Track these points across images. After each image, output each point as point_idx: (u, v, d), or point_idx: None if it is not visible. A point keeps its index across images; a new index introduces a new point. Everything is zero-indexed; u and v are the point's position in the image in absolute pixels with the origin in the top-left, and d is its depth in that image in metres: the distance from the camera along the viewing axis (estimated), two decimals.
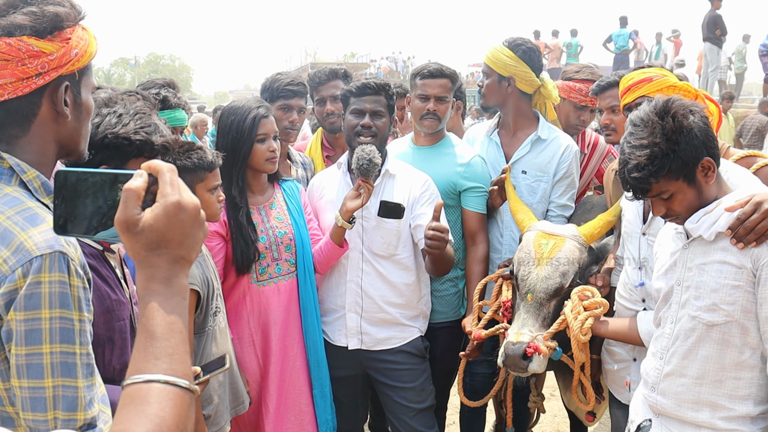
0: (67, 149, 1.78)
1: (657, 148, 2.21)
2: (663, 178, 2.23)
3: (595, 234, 3.20)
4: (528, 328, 2.95)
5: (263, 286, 3.25)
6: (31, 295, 1.49)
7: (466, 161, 3.63)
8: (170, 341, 1.11)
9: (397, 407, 3.45)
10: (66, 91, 1.69)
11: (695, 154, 2.22)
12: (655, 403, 2.46)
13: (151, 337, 1.10)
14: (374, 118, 3.33)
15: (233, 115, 3.21)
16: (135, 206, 1.13)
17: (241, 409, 3.03)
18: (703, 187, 2.28)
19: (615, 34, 19.95)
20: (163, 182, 1.16)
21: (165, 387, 1.07)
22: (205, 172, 2.80)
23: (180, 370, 1.09)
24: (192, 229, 1.18)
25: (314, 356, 3.39)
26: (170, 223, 1.14)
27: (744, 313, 2.21)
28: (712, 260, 2.27)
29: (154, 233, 1.13)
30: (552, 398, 5.19)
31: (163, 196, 1.15)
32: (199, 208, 1.19)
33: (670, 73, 3.01)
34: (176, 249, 1.16)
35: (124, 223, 1.12)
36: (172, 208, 1.14)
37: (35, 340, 1.50)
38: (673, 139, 2.21)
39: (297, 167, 3.94)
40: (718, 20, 16.45)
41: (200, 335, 2.81)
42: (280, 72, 3.96)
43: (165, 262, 1.15)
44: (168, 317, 1.12)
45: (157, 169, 1.17)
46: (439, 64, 3.70)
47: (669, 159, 2.21)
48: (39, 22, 1.61)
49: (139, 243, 1.13)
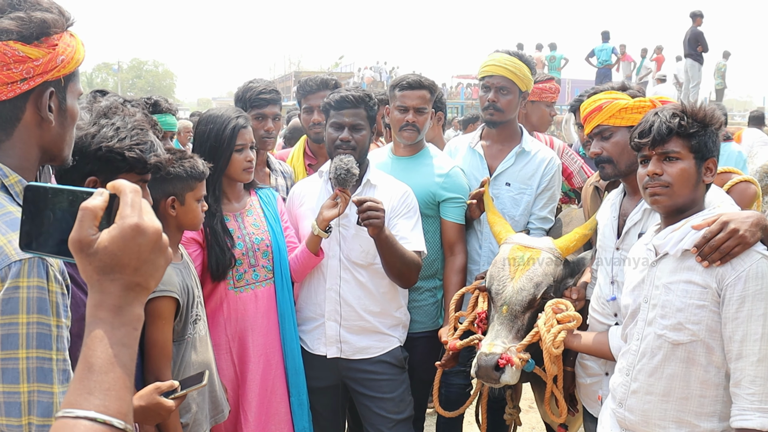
0: (51, 155, 1.77)
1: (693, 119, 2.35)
2: (684, 138, 2.35)
3: (570, 247, 3.23)
4: (501, 339, 2.96)
5: (240, 293, 3.24)
6: (9, 300, 1.49)
7: (445, 172, 3.64)
8: (108, 375, 1.03)
9: (376, 418, 3.44)
10: (51, 96, 1.69)
11: (711, 148, 2.37)
12: (623, 419, 2.48)
13: (89, 369, 1.03)
14: (353, 131, 3.33)
15: (212, 123, 3.21)
16: (90, 226, 1.07)
17: (221, 417, 3.01)
18: (700, 180, 2.37)
19: (597, 49, 20.13)
20: (124, 203, 1.10)
21: (93, 425, 1.00)
22: (195, 182, 2.81)
23: (114, 408, 1.02)
24: (151, 255, 1.11)
25: (292, 363, 3.38)
26: (126, 246, 1.08)
27: (709, 333, 2.24)
28: (678, 279, 2.31)
29: (108, 256, 1.07)
30: (530, 410, 5.21)
31: (122, 218, 1.09)
32: (160, 233, 1.12)
33: (621, 94, 3.00)
34: (131, 275, 1.09)
35: (77, 243, 1.07)
36: (130, 230, 1.08)
37: (12, 344, 1.49)
38: (704, 124, 2.36)
39: (277, 176, 3.94)
40: (699, 37, 16.66)
41: (179, 343, 2.79)
42: (252, 80, 3.91)
43: (118, 289, 1.08)
44: (110, 349, 1.05)
45: (120, 189, 1.12)
46: (418, 76, 3.71)
47: (696, 130, 2.34)
48: (26, 28, 1.61)
49: (92, 266, 1.07)
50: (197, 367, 2.80)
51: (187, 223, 2.84)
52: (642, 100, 2.91)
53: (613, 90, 3.07)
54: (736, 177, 3.29)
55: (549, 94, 4.57)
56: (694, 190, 2.38)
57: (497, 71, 3.71)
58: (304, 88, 4.26)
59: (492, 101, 3.73)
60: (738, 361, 2.19)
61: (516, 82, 3.71)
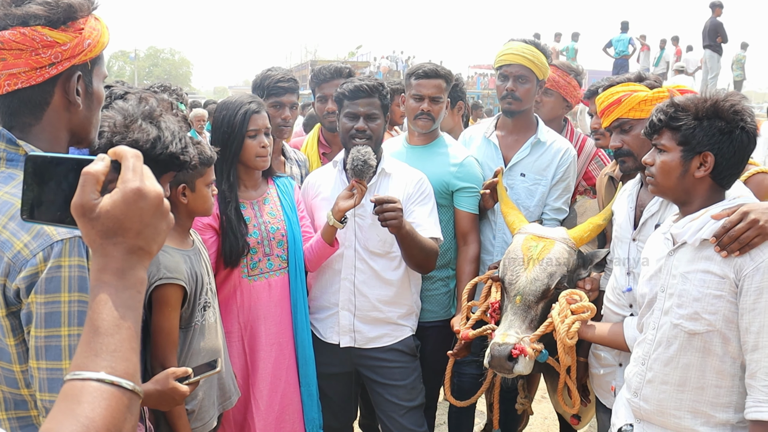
0: (78, 137, 1.81)
1: (687, 111, 2.34)
2: (673, 131, 2.36)
3: (584, 237, 3.21)
4: (515, 329, 2.95)
5: (254, 281, 3.25)
6: (52, 279, 1.53)
7: (459, 161, 3.64)
8: (114, 337, 1.04)
9: (388, 405, 3.46)
10: (78, 80, 1.72)
11: (704, 141, 2.31)
12: (638, 408, 2.47)
13: (95, 331, 1.04)
14: (368, 120, 3.33)
15: (225, 110, 3.22)
16: (93, 191, 1.07)
17: (229, 404, 3.02)
18: (689, 174, 2.35)
19: (615, 39, 19.98)
20: (126, 168, 1.11)
21: (100, 386, 1.00)
22: (204, 167, 2.81)
23: (121, 369, 1.03)
24: (152, 219, 1.11)
25: (302, 354, 3.39)
26: (129, 210, 1.08)
27: (726, 323, 2.23)
28: (696, 269, 2.29)
29: (111, 220, 1.07)
30: (543, 401, 5.21)
31: (123, 182, 1.09)
32: (161, 198, 1.13)
33: (638, 86, 2.97)
34: (133, 239, 1.09)
35: (80, 208, 1.07)
36: (132, 194, 1.08)
37: (54, 322, 1.54)
38: (701, 116, 2.32)
39: (291, 164, 3.94)
40: (719, 28, 16.51)
41: (186, 330, 2.80)
42: (271, 68, 3.91)
43: (120, 252, 1.09)
44: (115, 312, 1.06)
45: (122, 154, 1.12)
46: (434, 65, 3.70)
47: (684, 122, 2.33)
48: (53, 13, 1.63)
49: (95, 230, 1.08)
50: (205, 354, 2.82)
51: (199, 209, 2.85)
52: (660, 91, 2.88)
53: (630, 81, 3.04)
54: (752, 168, 3.24)
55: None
56: (679, 182, 2.38)
57: (515, 60, 3.69)
58: (317, 77, 4.25)
59: (510, 90, 3.71)
60: (754, 352, 2.17)
61: (534, 70, 3.69)
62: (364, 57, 44.12)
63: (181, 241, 2.83)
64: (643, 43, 21.34)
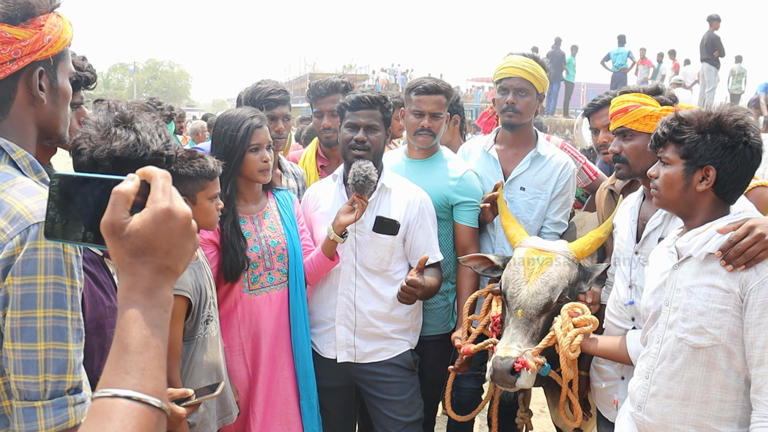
0: (47, 132, 1.83)
1: (690, 125, 2.35)
2: (677, 144, 2.37)
3: (585, 250, 3.21)
4: (517, 343, 2.94)
5: (255, 295, 3.24)
6: (28, 261, 1.55)
7: (459, 175, 3.63)
8: (143, 355, 1.05)
9: (386, 420, 3.44)
10: (41, 76, 1.75)
11: (707, 155, 2.30)
12: (642, 422, 2.46)
13: (124, 349, 1.05)
14: (368, 132, 3.33)
15: (227, 124, 3.21)
16: (123, 210, 1.09)
17: (229, 419, 3.01)
18: (692, 188, 2.35)
19: (613, 53, 20.03)
20: (155, 188, 1.12)
21: (131, 404, 1.01)
22: (206, 181, 2.81)
23: (150, 387, 1.04)
24: (181, 239, 1.12)
25: (302, 367, 3.38)
26: (158, 230, 1.09)
27: (731, 338, 2.22)
28: (701, 283, 2.28)
29: (140, 239, 1.08)
30: (542, 414, 5.18)
31: (153, 202, 1.10)
32: (190, 218, 1.14)
33: (650, 99, 2.97)
34: (162, 258, 1.10)
35: (110, 227, 1.08)
36: (162, 214, 1.09)
37: (30, 304, 1.55)
38: (704, 131, 2.32)
39: (288, 177, 3.92)
40: (716, 41, 16.54)
41: (189, 342, 2.80)
42: (261, 81, 3.88)
43: (149, 271, 1.10)
44: (144, 330, 1.07)
45: (151, 174, 1.13)
46: (434, 80, 3.69)
47: (686, 136, 2.34)
48: (11, 10, 1.66)
49: (124, 248, 1.09)
50: (207, 368, 2.81)
51: (201, 223, 2.84)
52: (669, 109, 2.87)
53: (645, 93, 3.04)
54: (753, 181, 3.24)
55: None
56: (681, 195, 2.38)
57: (515, 73, 3.69)
58: (314, 92, 4.24)
59: (511, 103, 3.69)
60: (759, 367, 2.16)
61: (534, 83, 3.68)
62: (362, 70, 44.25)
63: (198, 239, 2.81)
64: (644, 56, 21.39)
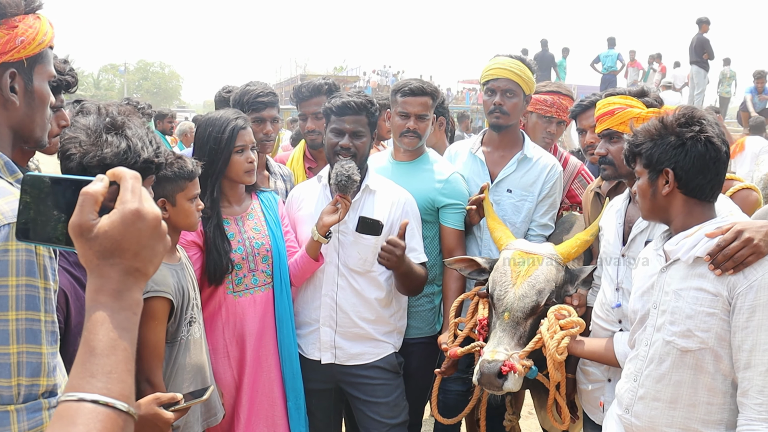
0: (22, 136, 1.80)
1: (645, 136, 2.42)
2: (639, 157, 2.44)
3: (572, 253, 3.20)
4: (504, 346, 2.93)
5: (239, 297, 3.22)
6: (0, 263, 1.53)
7: (445, 178, 3.62)
8: (110, 359, 1.03)
9: (370, 422, 3.43)
10: (13, 78, 1.72)
11: (661, 159, 2.35)
12: (630, 425, 2.46)
13: (91, 352, 1.03)
14: (354, 138, 3.32)
15: (211, 126, 3.18)
16: (91, 211, 1.07)
17: (213, 421, 3.00)
18: (659, 193, 2.38)
19: (603, 55, 20.08)
20: (124, 189, 1.10)
21: (96, 408, 0.99)
22: (185, 182, 2.79)
23: (117, 390, 1.02)
24: (150, 241, 1.10)
25: (289, 368, 3.36)
26: (126, 231, 1.07)
27: (718, 341, 2.22)
28: (689, 286, 2.28)
29: (108, 241, 1.07)
30: (530, 416, 5.18)
31: (122, 203, 1.09)
32: (159, 219, 1.12)
33: (636, 101, 2.99)
34: (131, 260, 1.09)
35: (77, 228, 1.07)
36: (130, 216, 1.08)
37: (2, 306, 1.54)
38: (654, 137, 2.37)
39: (276, 179, 3.91)
40: (705, 44, 16.62)
41: (172, 344, 2.79)
42: (249, 83, 3.86)
43: (117, 273, 1.08)
44: (112, 333, 1.05)
45: (120, 175, 1.11)
46: (420, 81, 3.67)
47: (643, 147, 2.41)
48: None
49: (92, 250, 1.07)
50: (190, 370, 2.79)
51: (182, 224, 2.83)
52: (655, 111, 2.89)
53: (631, 95, 3.05)
54: (737, 184, 3.25)
55: (542, 106, 4.26)
56: (653, 203, 2.43)
57: (502, 74, 3.68)
58: (297, 95, 4.23)
59: (498, 104, 3.68)
60: (746, 370, 2.16)
61: (521, 84, 3.68)
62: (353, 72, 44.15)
63: (167, 255, 2.81)
64: (633, 59, 21.45)
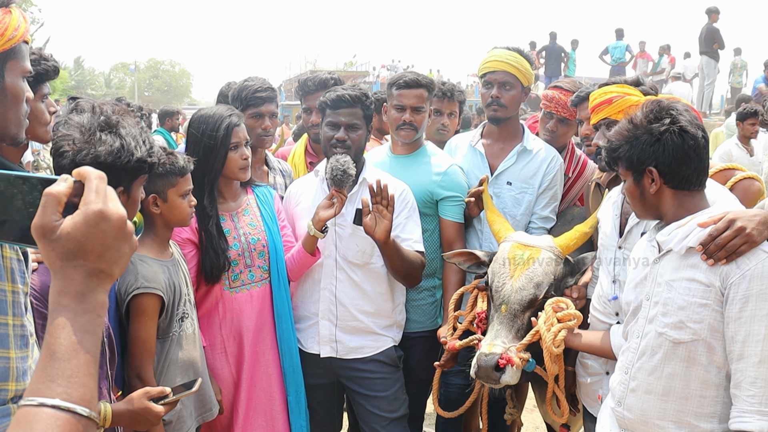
0: None
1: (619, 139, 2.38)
2: (621, 160, 2.39)
3: (571, 245, 3.18)
4: (501, 339, 2.92)
5: (236, 293, 3.22)
6: None
7: (443, 170, 3.61)
8: (71, 363, 1.02)
9: (370, 416, 3.43)
10: None
11: (641, 158, 2.32)
12: (622, 418, 2.44)
13: (52, 357, 1.01)
14: (349, 131, 3.31)
15: (204, 123, 3.17)
16: (54, 212, 1.05)
17: (209, 416, 3.00)
18: (647, 193, 2.35)
19: (611, 46, 19.94)
20: (88, 189, 1.08)
21: (56, 413, 0.98)
22: (176, 177, 2.80)
23: (77, 395, 1.00)
24: (115, 242, 1.09)
25: (289, 362, 3.36)
26: (90, 232, 1.05)
27: (711, 332, 2.19)
28: (681, 277, 2.25)
29: (71, 242, 1.05)
30: (534, 410, 5.16)
31: (86, 204, 1.07)
32: (125, 220, 1.10)
33: (633, 89, 2.96)
34: (95, 261, 1.07)
35: (40, 229, 1.05)
36: (94, 217, 1.06)
37: None
38: (629, 138, 2.34)
39: (275, 174, 3.91)
40: (715, 34, 16.47)
41: (164, 340, 2.79)
42: (248, 78, 3.87)
43: (81, 275, 1.06)
44: (73, 336, 1.03)
45: (85, 175, 1.10)
46: (415, 74, 3.67)
47: (621, 150, 2.37)
48: None
49: (55, 252, 1.05)
50: (182, 365, 2.80)
51: (174, 220, 2.83)
52: (651, 98, 2.86)
53: (627, 84, 3.03)
54: (739, 174, 3.23)
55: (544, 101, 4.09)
56: (643, 203, 2.41)
57: (499, 66, 3.68)
58: (303, 88, 4.23)
59: (495, 97, 3.69)
60: (739, 361, 2.14)
61: (518, 76, 3.67)
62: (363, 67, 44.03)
63: (159, 251, 2.81)
64: (643, 50, 21.29)
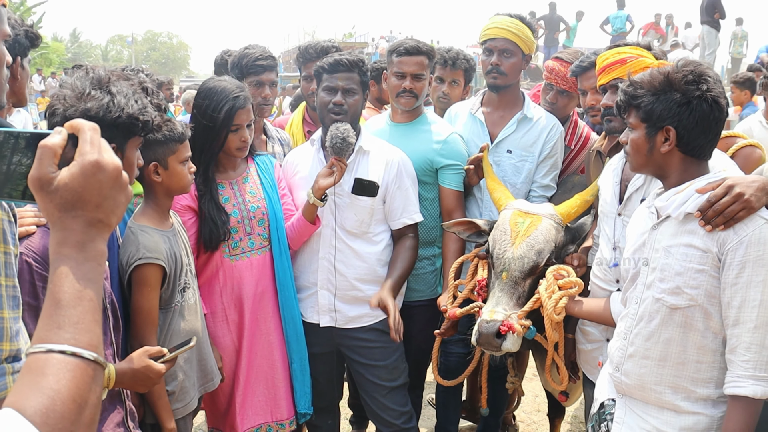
0: None
1: (644, 88, 2.31)
2: (636, 109, 2.34)
3: (572, 213, 3.18)
4: (502, 306, 2.92)
5: (236, 261, 3.22)
6: None
7: (443, 138, 3.59)
8: (76, 309, 1.03)
9: (370, 385, 3.45)
10: None
11: (663, 115, 2.27)
12: (620, 383, 2.45)
13: (57, 304, 1.03)
14: (346, 95, 3.28)
15: (208, 99, 3.13)
16: (50, 164, 1.06)
17: (211, 386, 3.02)
18: (656, 150, 2.32)
19: (612, 16, 19.78)
20: (83, 140, 1.09)
21: (65, 358, 0.99)
22: (176, 144, 2.78)
23: (84, 340, 1.02)
24: (111, 191, 1.10)
25: (293, 330, 3.37)
26: (87, 183, 1.07)
27: (708, 298, 2.19)
28: (679, 243, 2.25)
29: (69, 193, 1.06)
30: (534, 378, 5.19)
31: (81, 155, 1.08)
32: (120, 170, 1.11)
33: (646, 53, 2.95)
34: (93, 211, 1.08)
35: (37, 181, 1.06)
36: (90, 167, 1.07)
37: None
38: (657, 91, 2.29)
39: (273, 143, 3.90)
40: (716, 3, 16.38)
41: (166, 311, 2.79)
42: (248, 46, 3.83)
43: (80, 225, 1.07)
44: (77, 284, 1.04)
45: (78, 127, 1.10)
46: (416, 41, 3.63)
47: (642, 99, 2.31)
48: None
49: (53, 203, 1.06)
50: (185, 335, 2.81)
51: (175, 187, 2.81)
52: (663, 63, 2.85)
53: (640, 47, 3.03)
54: (740, 141, 3.20)
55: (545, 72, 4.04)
56: (648, 158, 2.36)
57: (499, 34, 3.65)
58: (304, 55, 4.19)
59: (495, 64, 3.67)
60: (735, 327, 2.14)
61: (519, 44, 3.64)
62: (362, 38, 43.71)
63: (160, 221, 2.80)
64: (658, 22, 21.06)
